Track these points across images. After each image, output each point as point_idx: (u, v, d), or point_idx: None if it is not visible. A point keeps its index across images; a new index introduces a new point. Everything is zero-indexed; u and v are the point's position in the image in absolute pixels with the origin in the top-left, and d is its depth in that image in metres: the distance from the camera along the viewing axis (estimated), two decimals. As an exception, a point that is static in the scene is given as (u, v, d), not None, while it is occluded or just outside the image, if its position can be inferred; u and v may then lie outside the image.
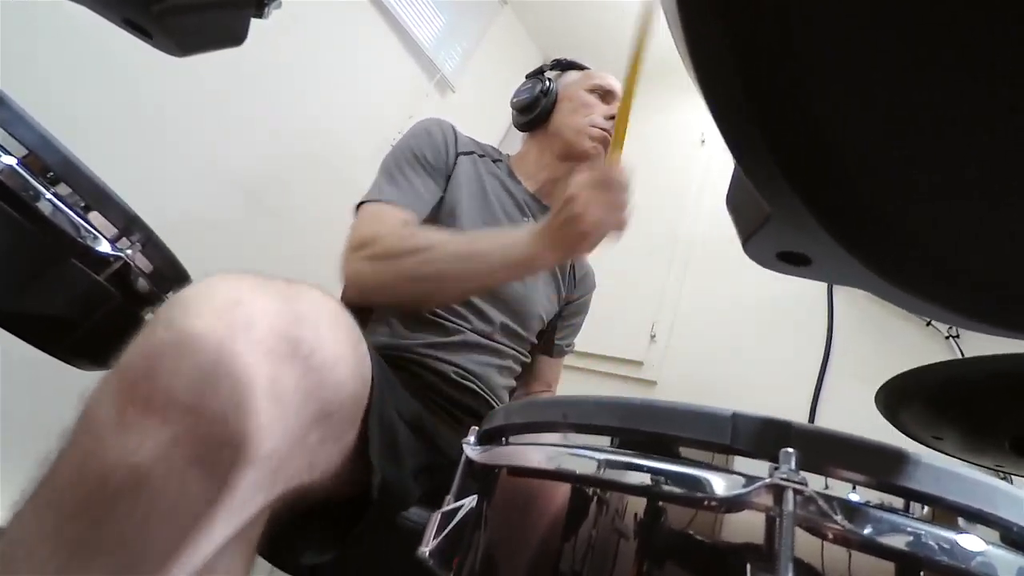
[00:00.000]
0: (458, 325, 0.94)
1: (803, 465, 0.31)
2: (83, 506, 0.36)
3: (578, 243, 0.78)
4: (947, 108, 0.19)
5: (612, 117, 1.14)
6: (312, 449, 0.47)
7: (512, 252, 0.81)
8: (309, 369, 0.44)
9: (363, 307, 0.94)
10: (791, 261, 0.30)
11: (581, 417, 0.39)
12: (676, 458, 0.36)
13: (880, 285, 0.28)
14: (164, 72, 1.42)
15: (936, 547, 0.32)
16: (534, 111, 1.16)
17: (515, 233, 0.82)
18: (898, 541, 0.32)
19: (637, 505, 0.36)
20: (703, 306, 1.98)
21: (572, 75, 1.21)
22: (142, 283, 0.60)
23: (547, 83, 1.17)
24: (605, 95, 1.17)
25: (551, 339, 1.18)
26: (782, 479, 0.30)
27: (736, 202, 0.32)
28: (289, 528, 0.53)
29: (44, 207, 0.55)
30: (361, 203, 0.94)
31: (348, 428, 0.54)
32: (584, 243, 0.78)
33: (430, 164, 1.00)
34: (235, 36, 0.39)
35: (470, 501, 0.44)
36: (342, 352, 0.49)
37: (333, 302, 0.53)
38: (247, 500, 0.41)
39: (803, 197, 0.24)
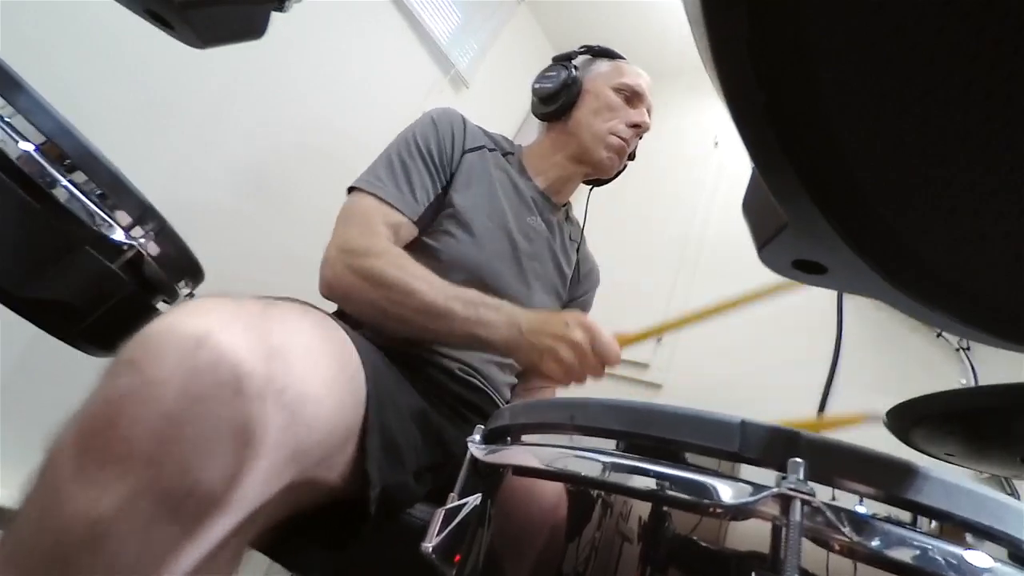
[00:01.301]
0: None
1: (811, 476, 0.31)
2: (43, 563, 0.34)
3: (539, 367, 0.79)
4: (964, 117, 0.19)
5: (635, 125, 1.09)
6: (290, 484, 0.45)
7: (479, 331, 0.80)
8: (280, 407, 0.42)
9: None
10: (806, 269, 0.30)
11: (588, 419, 0.39)
12: (683, 464, 0.36)
13: (895, 296, 0.27)
14: (176, 64, 1.42)
15: (943, 562, 0.32)
16: (555, 103, 1.08)
17: (494, 313, 0.81)
18: (905, 555, 0.32)
19: (642, 509, 0.36)
20: (712, 309, 1.97)
21: (602, 65, 1.13)
22: (154, 272, 0.60)
23: (573, 72, 1.09)
24: (632, 97, 1.10)
25: None
26: (790, 489, 0.30)
27: (752, 208, 0.31)
28: (291, 528, 0.53)
29: (60, 194, 0.55)
30: (355, 188, 0.92)
31: (336, 453, 0.53)
32: (542, 369, 0.79)
33: (433, 160, 0.97)
34: (255, 29, 0.39)
35: (474, 499, 0.44)
36: (316, 388, 0.47)
37: (311, 326, 0.51)
38: (217, 544, 0.39)
39: (819, 205, 0.24)
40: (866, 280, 0.27)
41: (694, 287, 2.05)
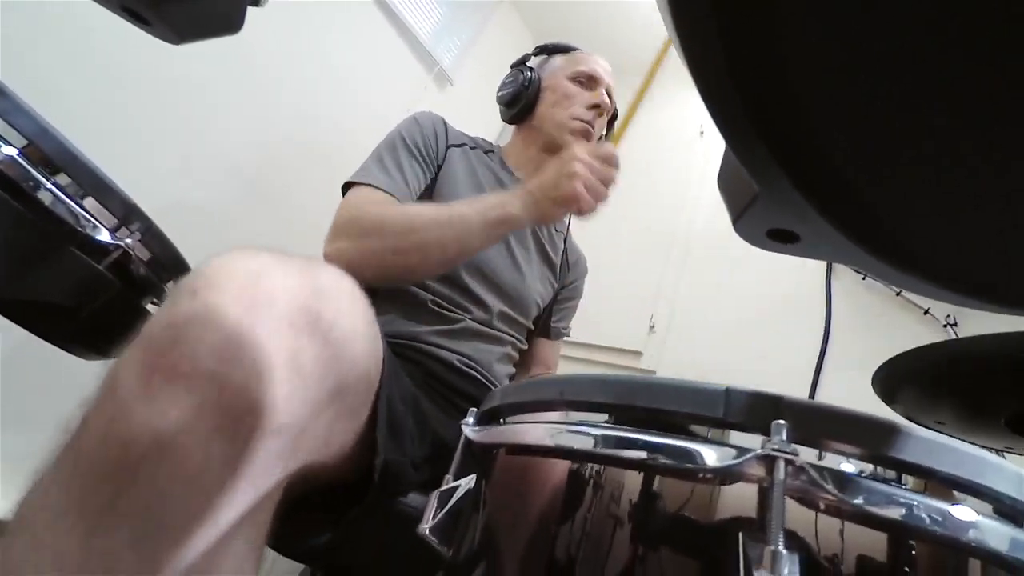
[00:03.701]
0: (459, 315, 0.94)
1: (795, 438, 0.32)
2: (107, 472, 0.36)
3: (564, 204, 0.82)
4: (927, 83, 0.19)
5: (595, 106, 1.12)
6: (328, 424, 0.48)
7: (492, 212, 0.83)
8: (327, 343, 0.44)
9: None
10: (780, 239, 0.31)
11: (577, 394, 0.39)
12: (671, 432, 0.36)
13: (867, 260, 0.28)
14: (161, 63, 1.42)
15: (928, 518, 0.32)
16: (517, 105, 1.14)
17: (495, 195, 0.86)
18: (890, 512, 0.32)
19: (632, 479, 0.36)
20: (702, 296, 1.98)
21: (557, 61, 1.19)
22: (142, 272, 0.60)
23: (529, 74, 1.15)
24: (588, 81, 1.14)
25: (548, 323, 1.18)
26: (773, 450, 0.31)
27: (726, 182, 0.32)
28: (286, 510, 0.54)
29: (44, 197, 0.55)
30: (349, 184, 0.94)
31: (361, 406, 0.55)
32: (570, 205, 0.82)
33: (420, 152, 1.00)
34: (231, 24, 0.39)
35: (468, 480, 0.45)
36: (360, 328, 0.50)
37: (350, 280, 0.53)
38: (266, 471, 0.41)
39: (788, 172, 0.25)
40: (837, 246, 0.28)
41: (684, 276, 2.06)
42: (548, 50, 1.22)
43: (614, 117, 1.25)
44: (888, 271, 0.28)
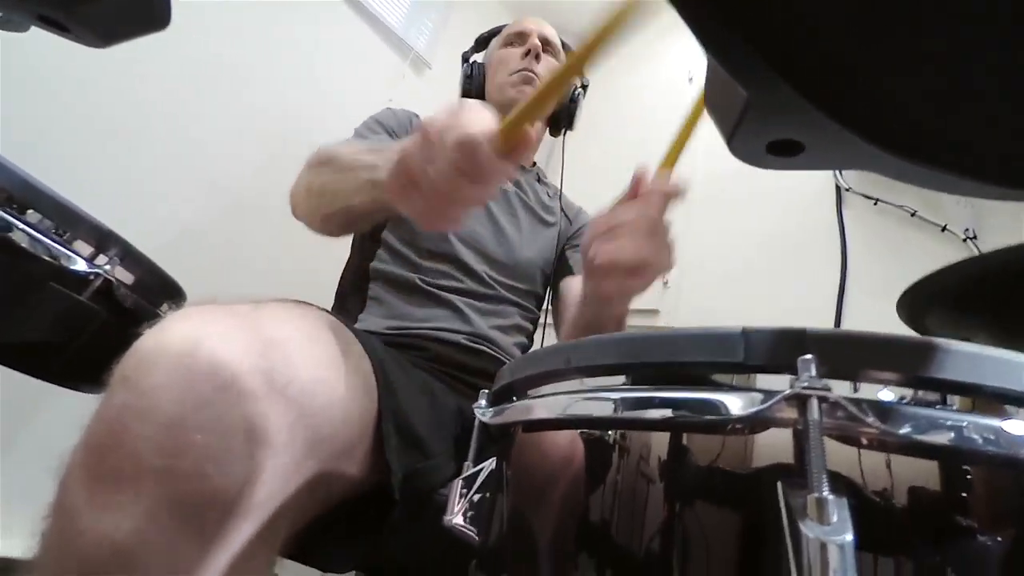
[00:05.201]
0: (454, 290, 0.93)
1: (825, 372, 0.29)
2: None
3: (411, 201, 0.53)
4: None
5: (526, 53, 1.11)
6: (312, 476, 0.44)
7: (374, 173, 0.63)
8: (288, 401, 0.41)
9: (359, 289, 0.95)
10: (783, 151, 0.28)
11: (586, 359, 0.37)
12: (692, 385, 0.33)
13: (877, 158, 0.25)
14: (129, 76, 1.40)
15: (980, 438, 0.30)
16: (472, 96, 1.15)
17: (390, 151, 0.58)
18: (939, 437, 0.29)
19: (657, 439, 0.34)
20: (712, 245, 1.94)
21: (492, 43, 1.23)
22: (127, 297, 0.58)
23: (471, 68, 1.18)
24: (517, 38, 1.16)
25: (566, 262, 1.14)
26: (803, 388, 0.28)
27: (713, 98, 0.29)
28: (318, 527, 0.52)
29: (18, 237, 0.53)
30: None
31: (356, 443, 0.51)
32: (411, 203, 0.53)
33: (390, 128, 1.03)
34: (156, 19, 0.36)
35: (488, 464, 0.43)
36: (321, 374, 0.46)
37: (303, 316, 0.50)
38: (244, 550, 0.38)
39: (780, 70, 0.22)
40: (845, 147, 0.25)
41: (691, 227, 2.02)
42: (484, 39, 1.26)
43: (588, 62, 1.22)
44: (905, 167, 0.25)
